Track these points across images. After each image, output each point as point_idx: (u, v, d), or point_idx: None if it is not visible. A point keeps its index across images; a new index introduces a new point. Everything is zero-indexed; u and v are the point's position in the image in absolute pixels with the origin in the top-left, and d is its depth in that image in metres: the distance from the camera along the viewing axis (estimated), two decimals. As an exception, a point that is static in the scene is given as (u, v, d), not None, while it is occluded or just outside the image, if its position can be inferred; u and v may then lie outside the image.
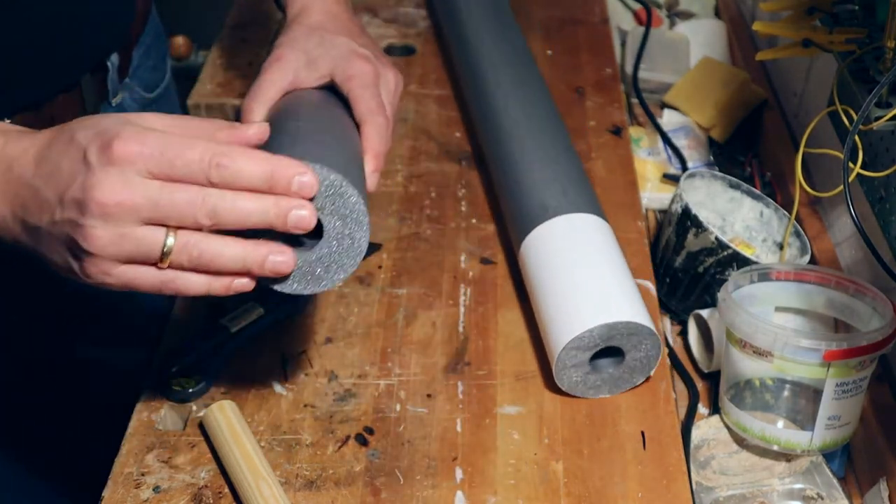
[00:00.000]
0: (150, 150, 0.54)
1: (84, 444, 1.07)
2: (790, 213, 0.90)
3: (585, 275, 0.78)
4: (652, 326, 0.74)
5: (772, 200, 0.94)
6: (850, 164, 0.75)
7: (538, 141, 0.90)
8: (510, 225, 0.87)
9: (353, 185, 0.60)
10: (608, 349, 0.75)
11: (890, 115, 0.74)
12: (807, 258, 0.88)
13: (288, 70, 0.74)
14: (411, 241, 0.91)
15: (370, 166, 0.70)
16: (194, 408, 0.75)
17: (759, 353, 0.74)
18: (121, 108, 0.88)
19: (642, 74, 1.16)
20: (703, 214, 0.94)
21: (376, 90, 0.72)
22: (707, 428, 0.80)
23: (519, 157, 0.89)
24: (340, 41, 0.75)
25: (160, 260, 0.56)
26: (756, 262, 0.84)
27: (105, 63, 0.83)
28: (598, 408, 0.77)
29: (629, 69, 1.17)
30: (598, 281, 0.77)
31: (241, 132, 0.60)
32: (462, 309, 0.84)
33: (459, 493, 0.70)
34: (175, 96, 1.02)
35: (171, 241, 0.56)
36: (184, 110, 1.11)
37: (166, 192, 0.54)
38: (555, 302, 0.77)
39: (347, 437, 0.73)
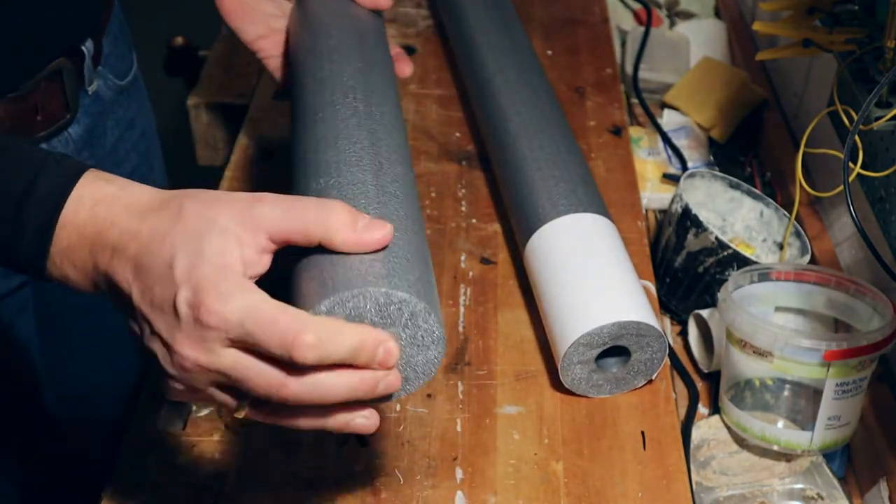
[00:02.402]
0: (231, 326, 0.51)
1: (84, 445, 1.07)
2: (790, 213, 0.90)
3: (597, 273, 0.78)
4: (661, 329, 0.75)
5: (772, 200, 0.95)
6: (851, 164, 0.75)
7: (546, 139, 0.90)
8: (516, 222, 0.87)
9: (432, 307, 0.56)
10: (613, 350, 0.75)
11: (890, 115, 0.74)
12: (807, 258, 0.88)
13: None
14: (411, 241, 0.91)
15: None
16: (194, 408, 0.75)
17: (760, 353, 0.74)
18: (97, 96, 0.88)
19: (642, 74, 1.16)
20: (703, 214, 0.94)
21: None
22: (707, 428, 0.80)
23: (527, 155, 0.89)
24: None
25: (235, 411, 0.55)
26: (756, 262, 0.84)
27: (80, 49, 0.83)
28: (599, 408, 0.77)
29: (629, 69, 1.17)
30: (610, 280, 0.77)
31: (367, 239, 0.56)
32: (462, 309, 0.84)
33: (459, 493, 0.70)
34: (143, 86, 1.02)
35: (244, 407, 0.55)
36: (181, 108, 1.11)
37: (242, 367, 0.53)
38: (565, 297, 0.77)
39: (347, 438, 0.73)
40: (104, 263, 0.54)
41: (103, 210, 0.54)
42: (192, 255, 0.52)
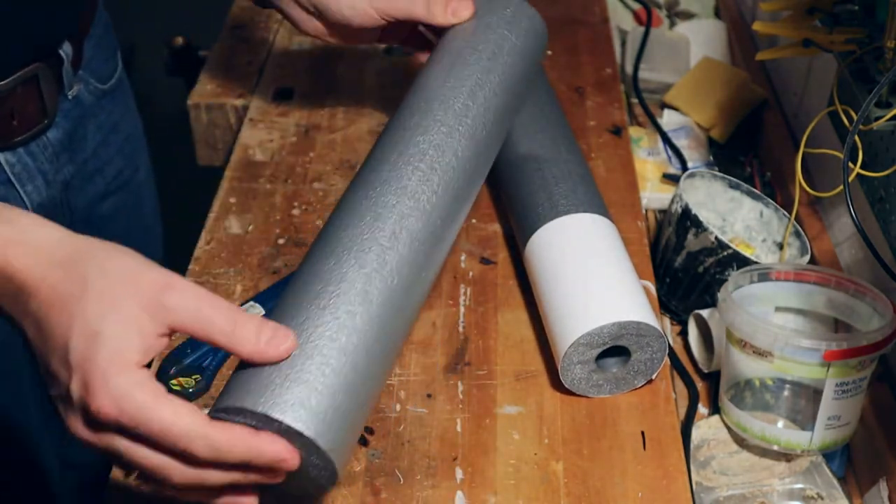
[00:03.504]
0: (119, 421, 0.51)
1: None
2: (790, 213, 0.90)
3: (598, 272, 0.78)
4: (661, 330, 0.75)
5: (772, 200, 0.95)
6: (850, 164, 0.75)
7: (546, 139, 0.90)
8: (516, 222, 0.87)
9: (322, 439, 0.55)
10: (613, 350, 0.75)
11: (890, 115, 0.74)
12: (807, 258, 0.88)
13: None
14: (411, 241, 0.91)
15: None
16: (194, 408, 0.75)
17: (759, 353, 0.74)
18: (77, 101, 0.88)
19: (642, 74, 1.16)
20: (703, 214, 0.94)
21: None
22: (707, 428, 0.80)
23: (527, 155, 0.89)
24: None
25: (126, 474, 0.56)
26: (756, 262, 0.84)
27: (57, 52, 0.83)
28: (599, 408, 0.77)
29: (629, 69, 1.17)
30: (611, 279, 0.77)
31: (270, 353, 0.55)
32: (462, 309, 0.84)
33: (459, 493, 0.70)
34: (129, 87, 1.02)
35: (132, 474, 0.55)
36: (181, 108, 1.11)
37: (130, 453, 0.53)
38: (566, 297, 0.77)
39: (347, 437, 0.73)
40: (7, 304, 0.54)
41: None
42: (89, 339, 0.51)
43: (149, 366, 0.54)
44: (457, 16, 0.79)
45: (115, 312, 0.52)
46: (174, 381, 0.76)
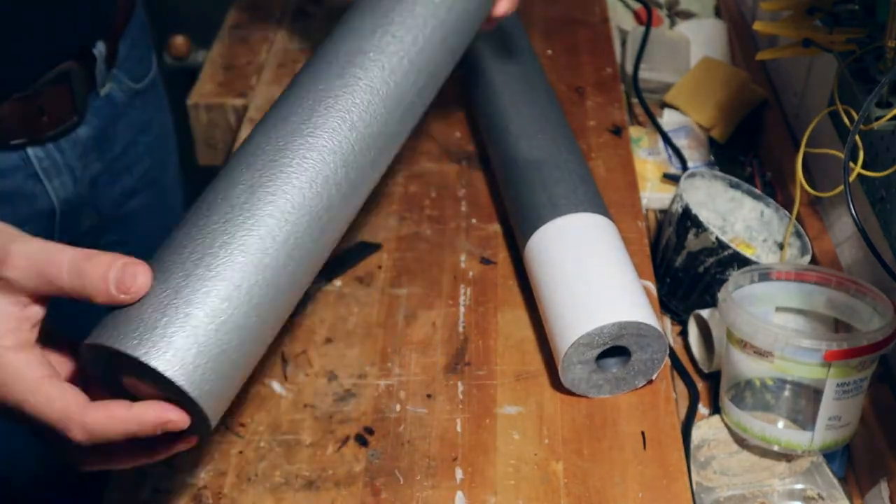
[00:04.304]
0: (15, 407, 0.53)
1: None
2: (791, 213, 0.90)
3: (598, 272, 0.78)
4: (661, 330, 0.75)
5: (772, 200, 0.94)
6: (851, 164, 0.75)
7: (546, 139, 0.90)
8: (516, 222, 0.87)
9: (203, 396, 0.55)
10: (613, 350, 0.75)
11: (890, 114, 0.74)
12: (807, 258, 0.88)
13: None
14: (411, 241, 0.91)
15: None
16: (194, 408, 0.75)
17: (760, 353, 0.74)
18: (109, 99, 0.88)
19: (642, 74, 1.16)
20: (704, 214, 0.94)
21: None
22: (707, 428, 0.80)
23: (527, 155, 0.89)
24: None
25: None
26: (756, 262, 0.84)
27: (91, 51, 0.83)
28: (599, 408, 0.76)
29: (629, 69, 1.17)
30: (612, 279, 0.77)
31: (118, 297, 0.55)
32: (462, 309, 0.84)
33: (459, 494, 0.70)
34: (162, 88, 1.02)
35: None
36: (181, 107, 1.11)
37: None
38: (566, 297, 0.77)
39: (347, 438, 0.73)
40: None
41: None
42: None
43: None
44: None
45: None
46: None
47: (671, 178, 1.03)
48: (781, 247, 0.92)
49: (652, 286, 0.87)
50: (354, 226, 0.91)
